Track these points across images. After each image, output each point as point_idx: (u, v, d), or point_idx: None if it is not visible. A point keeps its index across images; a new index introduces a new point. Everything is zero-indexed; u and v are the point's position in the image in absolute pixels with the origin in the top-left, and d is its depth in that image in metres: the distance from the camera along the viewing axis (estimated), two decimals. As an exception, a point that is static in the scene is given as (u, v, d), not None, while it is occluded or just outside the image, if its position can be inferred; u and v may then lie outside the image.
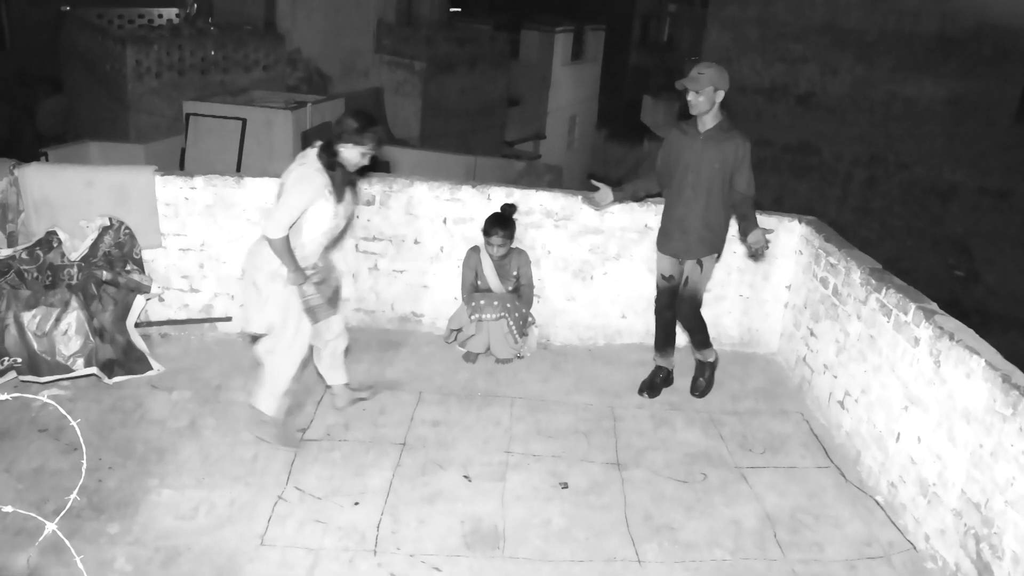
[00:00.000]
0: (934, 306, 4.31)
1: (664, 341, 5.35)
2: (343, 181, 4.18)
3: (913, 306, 4.31)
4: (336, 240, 4.68)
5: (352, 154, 4.09)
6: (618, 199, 5.32)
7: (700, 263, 5.01)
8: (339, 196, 4.16)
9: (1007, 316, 15.40)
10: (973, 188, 16.44)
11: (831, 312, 5.22)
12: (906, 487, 4.20)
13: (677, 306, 5.17)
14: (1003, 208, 16.35)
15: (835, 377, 5.09)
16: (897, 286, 4.57)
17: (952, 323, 4.09)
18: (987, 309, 15.48)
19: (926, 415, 4.09)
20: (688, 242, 4.97)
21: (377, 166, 4.51)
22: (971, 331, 4.00)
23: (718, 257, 5.17)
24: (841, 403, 4.98)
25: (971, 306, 15.10)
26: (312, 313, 4.27)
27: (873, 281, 4.73)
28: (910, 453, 4.19)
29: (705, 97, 4.69)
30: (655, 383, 5.38)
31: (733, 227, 5.08)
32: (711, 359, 5.40)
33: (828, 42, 16.40)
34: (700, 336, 5.27)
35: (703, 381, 5.42)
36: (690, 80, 4.70)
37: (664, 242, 5.11)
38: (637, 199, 5.49)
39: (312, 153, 4.12)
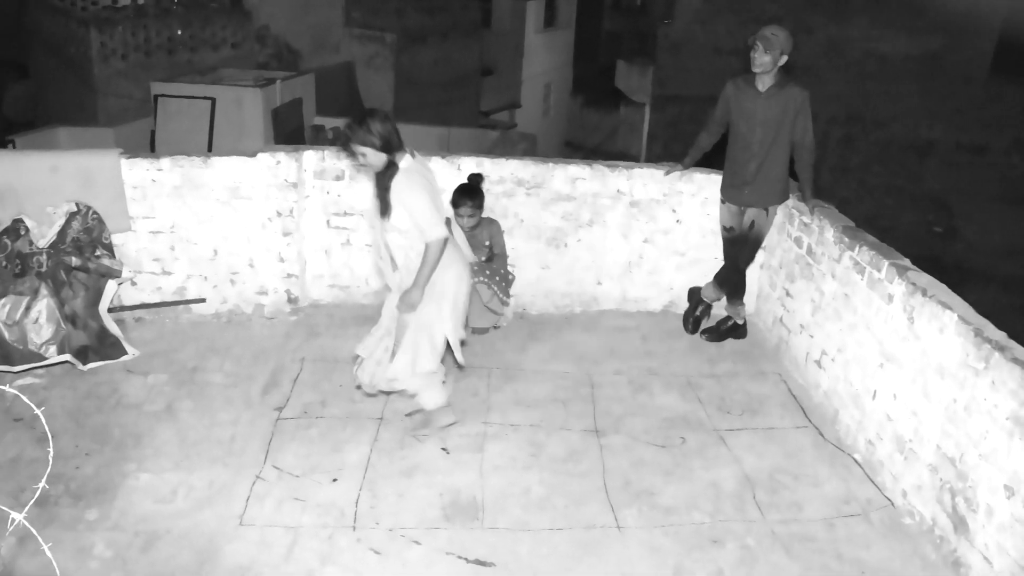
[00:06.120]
0: (907, 262, 4.32)
1: (734, 291, 5.70)
2: None
3: (886, 263, 4.31)
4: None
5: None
6: (687, 166, 5.66)
7: (766, 210, 5.35)
8: None
9: (986, 271, 15.44)
10: (950, 144, 16.40)
11: (806, 272, 5.22)
12: (883, 444, 4.22)
13: (738, 250, 5.51)
14: (980, 164, 16.35)
15: (811, 337, 5.10)
16: (870, 243, 4.58)
17: (925, 279, 4.09)
18: (967, 265, 15.51)
19: (901, 372, 4.11)
20: (755, 192, 5.30)
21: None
22: (943, 286, 4.00)
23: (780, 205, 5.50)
24: (818, 362, 4.99)
25: (951, 262, 15.13)
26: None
27: (846, 239, 4.73)
28: (886, 410, 4.21)
29: (771, 58, 4.98)
30: (722, 330, 5.76)
31: None
32: (740, 322, 5.73)
33: (801, 1, 16.26)
34: (740, 290, 5.69)
35: (717, 331, 5.73)
36: (763, 39, 4.96)
37: (731, 193, 5.43)
38: (705, 153, 5.66)
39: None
